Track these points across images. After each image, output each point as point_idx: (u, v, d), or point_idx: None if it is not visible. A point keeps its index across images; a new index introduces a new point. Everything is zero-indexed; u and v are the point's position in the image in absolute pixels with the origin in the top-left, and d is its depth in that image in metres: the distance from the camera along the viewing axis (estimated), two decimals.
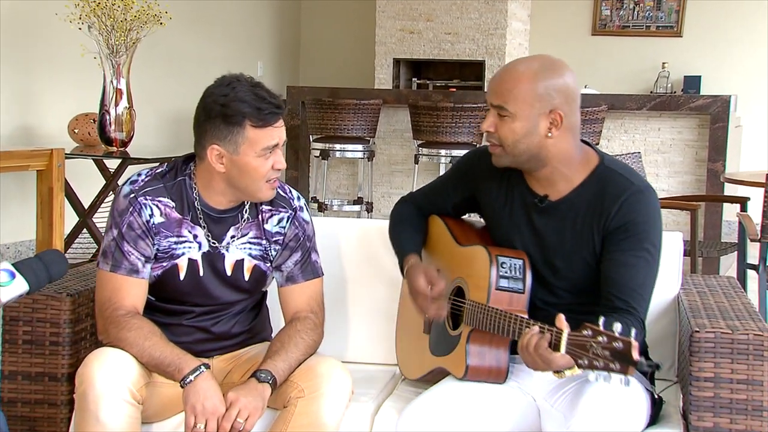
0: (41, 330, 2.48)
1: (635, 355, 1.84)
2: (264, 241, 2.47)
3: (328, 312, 2.58)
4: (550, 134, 2.27)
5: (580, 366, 1.95)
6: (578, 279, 2.34)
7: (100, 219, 5.34)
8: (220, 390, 2.27)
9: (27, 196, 5.44)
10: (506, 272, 2.30)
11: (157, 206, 2.39)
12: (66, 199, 4.93)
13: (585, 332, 1.93)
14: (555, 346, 2.00)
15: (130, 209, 2.37)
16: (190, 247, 2.41)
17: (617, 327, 1.88)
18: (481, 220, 2.58)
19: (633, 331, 1.89)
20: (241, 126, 2.30)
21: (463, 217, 2.67)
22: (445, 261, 2.55)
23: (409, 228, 2.62)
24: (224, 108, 2.29)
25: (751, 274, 4.65)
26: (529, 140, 2.27)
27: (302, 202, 2.55)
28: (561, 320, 2.02)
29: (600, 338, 1.89)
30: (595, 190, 2.30)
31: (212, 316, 2.49)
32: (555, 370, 2.06)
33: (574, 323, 2.22)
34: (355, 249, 2.89)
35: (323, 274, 2.57)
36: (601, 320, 1.93)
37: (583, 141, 2.37)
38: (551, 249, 2.35)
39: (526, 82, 2.25)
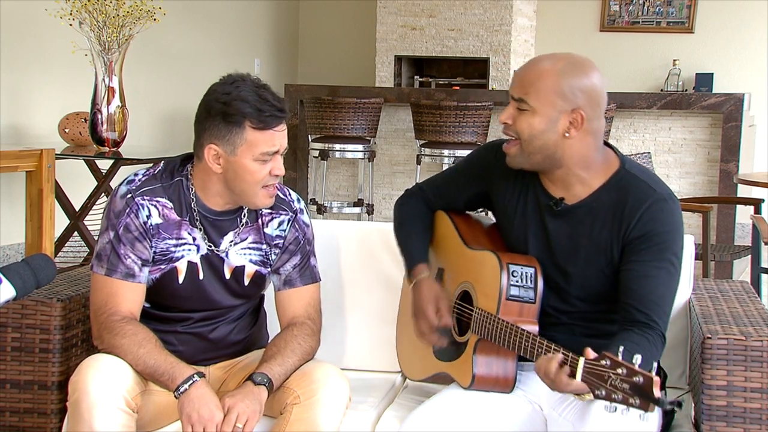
0: (30, 336, 2.45)
1: (657, 392, 1.80)
2: (264, 246, 2.46)
3: (327, 317, 2.56)
4: (567, 134, 2.22)
5: (597, 397, 1.90)
6: (592, 287, 2.29)
7: (92, 222, 5.34)
8: (216, 396, 2.25)
9: (16, 197, 5.43)
10: (517, 281, 2.26)
11: (155, 206, 2.36)
12: (56, 201, 4.90)
13: (603, 362, 1.89)
14: (570, 373, 1.97)
15: (127, 210, 2.34)
16: (189, 250, 2.39)
17: (637, 359, 1.85)
18: (490, 216, 2.54)
19: (654, 366, 1.86)
20: (240, 126, 2.27)
21: (470, 213, 2.62)
22: (451, 261, 2.51)
23: (418, 228, 2.57)
24: (225, 106, 2.27)
25: (766, 279, 4.73)
26: (546, 137, 2.23)
27: (302, 204, 2.53)
28: (588, 353, 1.96)
29: (619, 370, 1.85)
30: (615, 197, 2.26)
31: (210, 322, 2.46)
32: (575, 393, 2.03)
33: (589, 330, 2.29)
34: (355, 252, 2.86)
35: (321, 280, 2.55)
36: (621, 350, 1.89)
37: (605, 143, 2.32)
38: (564, 254, 2.30)
39: (551, 78, 2.21)
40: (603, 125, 2.27)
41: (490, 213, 2.54)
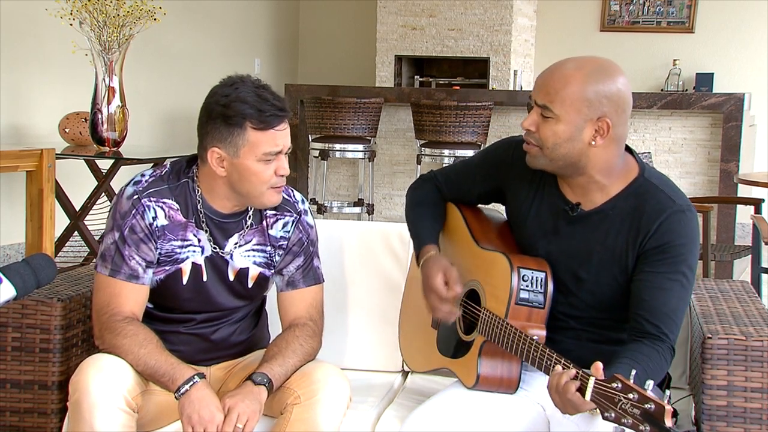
0: (31, 336, 2.45)
1: (668, 422, 1.78)
2: (269, 247, 2.45)
3: (327, 317, 2.56)
4: (593, 142, 2.17)
5: (605, 418, 1.87)
6: (603, 293, 2.26)
7: (92, 221, 5.34)
8: (217, 397, 2.25)
9: (16, 197, 5.42)
10: (527, 285, 2.23)
11: (161, 208, 2.36)
12: (56, 201, 4.90)
13: (614, 384, 1.86)
14: (580, 390, 1.94)
15: (133, 211, 2.34)
16: (194, 251, 2.39)
17: (649, 384, 1.83)
18: (502, 213, 2.50)
19: (667, 393, 1.85)
20: (241, 128, 2.26)
21: (481, 207, 2.59)
22: (459, 258, 2.47)
23: (430, 213, 2.54)
24: (225, 108, 2.26)
25: (766, 279, 4.73)
26: (571, 146, 2.18)
27: (306, 205, 2.52)
28: (597, 368, 1.93)
29: (631, 395, 1.83)
30: (632, 204, 2.22)
31: (212, 324, 2.46)
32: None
33: (596, 336, 2.27)
34: (355, 252, 2.86)
35: (324, 281, 2.54)
36: (633, 374, 1.86)
37: (626, 147, 2.28)
38: (577, 259, 2.27)
39: (576, 85, 2.14)
40: (627, 131, 2.23)
41: (500, 206, 2.51)
